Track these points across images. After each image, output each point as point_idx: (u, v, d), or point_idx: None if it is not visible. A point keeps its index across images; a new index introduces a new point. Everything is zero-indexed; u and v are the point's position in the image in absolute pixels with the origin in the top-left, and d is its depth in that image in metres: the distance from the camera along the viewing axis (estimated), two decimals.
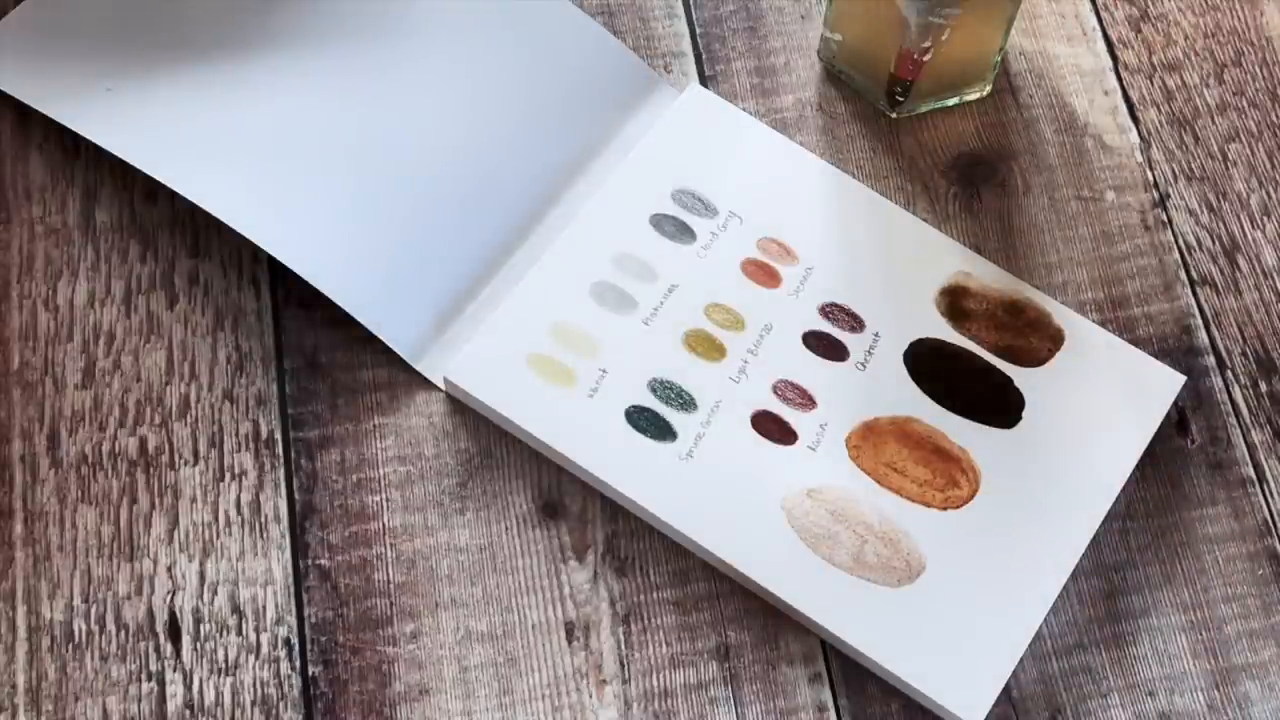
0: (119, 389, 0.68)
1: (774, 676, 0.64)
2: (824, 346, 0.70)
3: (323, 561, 0.65)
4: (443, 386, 0.69)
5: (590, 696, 0.64)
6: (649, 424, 0.68)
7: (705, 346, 0.70)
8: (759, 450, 0.68)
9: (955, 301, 0.71)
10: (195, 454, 0.67)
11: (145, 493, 0.66)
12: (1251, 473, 0.70)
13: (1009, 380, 0.70)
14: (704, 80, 0.77)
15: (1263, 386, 0.72)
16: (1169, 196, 0.76)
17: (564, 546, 0.66)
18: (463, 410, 0.69)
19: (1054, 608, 0.66)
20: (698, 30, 0.78)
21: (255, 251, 0.70)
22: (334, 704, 0.63)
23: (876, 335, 0.71)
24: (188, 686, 0.63)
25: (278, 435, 0.68)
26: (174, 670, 0.63)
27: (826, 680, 0.64)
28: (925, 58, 0.73)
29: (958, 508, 0.67)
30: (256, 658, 0.64)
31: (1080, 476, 0.68)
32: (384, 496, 0.67)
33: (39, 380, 0.68)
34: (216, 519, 0.66)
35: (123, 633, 0.64)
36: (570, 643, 0.65)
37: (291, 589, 0.65)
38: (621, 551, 0.66)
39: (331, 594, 0.65)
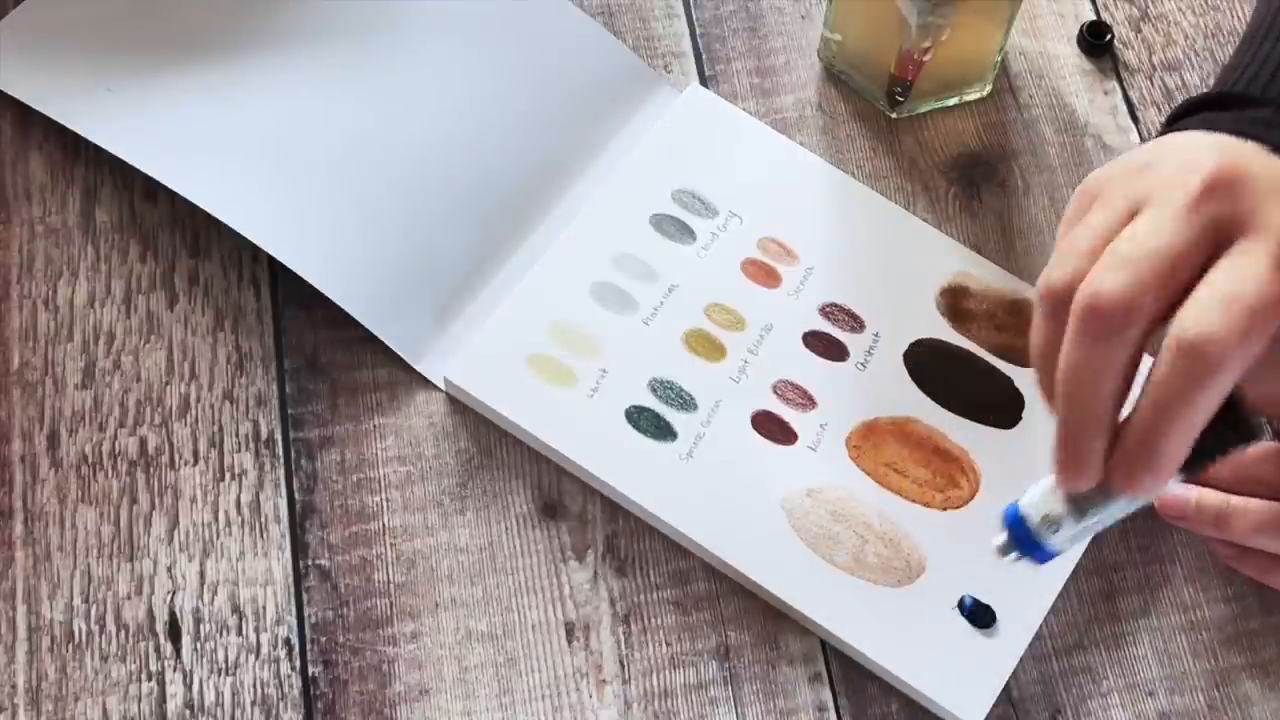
0: (119, 389, 0.68)
1: (774, 676, 0.64)
2: (824, 346, 0.70)
3: (323, 561, 0.65)
4: (443, 386, 0.69)
5: (590, 696, 0.64)
6: (649, 424, 0.68)
7: (705, 346, 0.70)
8: (759, 450, 0.68)
9: (955, 302, 0.71)
10: (195, 454, 0.67)
11: (145, 493, 0.66)
12: None
13: (1009, 380, 0.70)
14: (704, 80, 0.77)
15: None
16: None
17: (564, 546, 0.66)
18: (463, 410, 0.69)
19: (1054, 608, 0.66)
20: (698, 30, 0.78)
21: (255, 251, 0.70)
22: (334, 704, 0.63)
23: (876, 335, 0.71)
24: (188, 686, 0.63)
25: (278, 435, 0.68)
26: (174, 670, 0.63)
27: (826, 680, 0.64)
28: (925, 58, 0.73)
29: (958, 508, 0.67)
30: (256, 658, 0.63)
31: None
32: (384, 496, 0.67)
33: (39, 380, 0.68)
34: (216, 519, 0.66)
35: (123, 633, 0.64)
36: (570, 643, 0.65)
37: (291, 589, 0.65)
38: (621, 551, 0.66)
39: (331, 594, 0.65)
